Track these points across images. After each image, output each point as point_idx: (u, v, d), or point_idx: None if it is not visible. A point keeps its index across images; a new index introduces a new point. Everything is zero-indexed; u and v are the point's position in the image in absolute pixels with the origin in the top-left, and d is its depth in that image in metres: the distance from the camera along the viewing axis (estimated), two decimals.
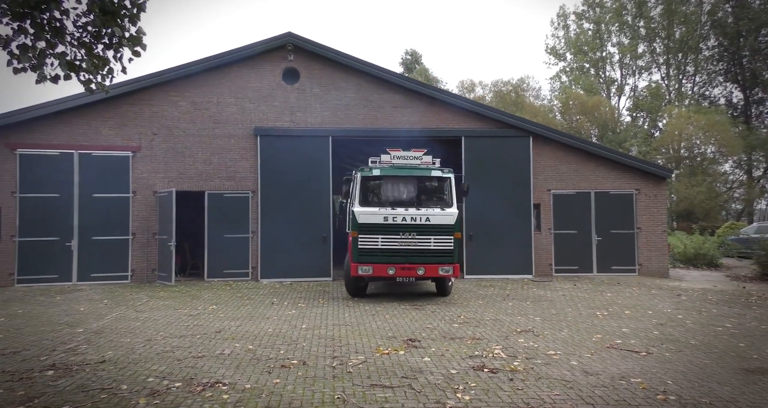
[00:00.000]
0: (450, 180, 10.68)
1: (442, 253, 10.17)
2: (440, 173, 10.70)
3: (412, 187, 10.79)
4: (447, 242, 10.19)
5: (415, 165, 10.81)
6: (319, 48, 14.54)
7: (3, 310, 9.75)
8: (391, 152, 10.92)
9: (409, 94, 14.95)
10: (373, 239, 10.22)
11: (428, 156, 10.90)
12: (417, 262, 10.09)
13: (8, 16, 4.37)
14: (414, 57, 46.49)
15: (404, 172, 10.73)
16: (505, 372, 5.76)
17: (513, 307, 9.96)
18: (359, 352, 6.58)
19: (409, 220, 10.18)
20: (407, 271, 10.08)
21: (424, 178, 10.86)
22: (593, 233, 15.20)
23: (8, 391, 5.11)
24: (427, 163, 10.85)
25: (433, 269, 10.08)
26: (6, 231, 13.03)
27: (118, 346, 6.96)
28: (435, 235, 10.16)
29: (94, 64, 4.90)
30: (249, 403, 4.81)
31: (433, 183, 10.89)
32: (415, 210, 10.29)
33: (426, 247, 10.15)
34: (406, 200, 10.64)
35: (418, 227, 10.15)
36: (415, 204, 10.52)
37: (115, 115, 13.81)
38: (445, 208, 10.40)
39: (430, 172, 10.74)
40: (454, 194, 10.57)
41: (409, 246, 10.13)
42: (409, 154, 10.87)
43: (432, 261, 10.12)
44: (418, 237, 10.13)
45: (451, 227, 10.25)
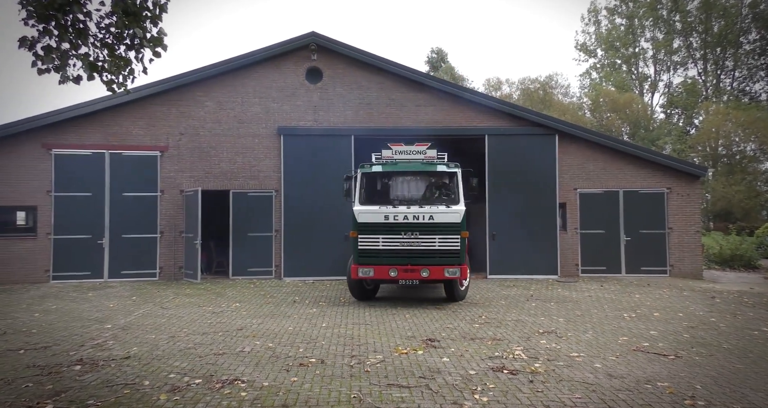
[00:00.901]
0: (456, 175, 9.99)
1: (448, 254, 9.51)
2: (445, 168, 9.98)
3: (415, 184, 10.19)
4: (453, 242, 9.51)
5: (418, 160, 10.21)
6: (342, 47, 14.59)
7: (38, 306, 10.11)
8: (393, 147, 10.33)
9: (432, 93, 14.85)
10: (373, 239, 9.64)
11: (433, 150, 10.24)
12: (421, 263, 9.45)
13: (34, 18, 4.51)
14: (440, 55, 46.19)
15: (407, 168, 10.13)
16: (525, 373, 5.63)
17: (536, 308, 9.76)
18: (378, 352, 6.54)
19: (412, 219, 9.55)
20: (410, 273, 9.46)
21: (428, 174, 10.17)
22: (621, 233, 14.78)
23: (37, 385, 5.28)
24: (432, 157, 10.18)
25: (439, 271, 9.41)
26: (42, 229, 13.52)
27: (143, 342, 7.11)
28: (440, 235, 9.51)
29: (116, 64, 5.02)
30: (266, 400, 4.83)
31: (438, 179, 10.22)
32: (418, 208, 9.62)
33: (430, 248, 9.52)
34: (409, 198, 10.02)
35: (422, 226, 9.52)
36: (419, 201, 9.87)
37: (144, 115, 14.16)
38: (450, 205, 9.67)
39: (434, 167, 10.05)
40: (461, 191, 9.86)
41: (412, 246, 9.52)
42: (412, 149, 10.23)
43: (437, 262, 9.48)
44: (421, 237, 9.51)
45: (457, 226, 9.53)
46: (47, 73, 4.69)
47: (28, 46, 4.60)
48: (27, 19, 4.54)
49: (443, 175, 10.13)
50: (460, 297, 10.31)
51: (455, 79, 42.15)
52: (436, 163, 10.14)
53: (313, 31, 14.53)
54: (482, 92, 31.96)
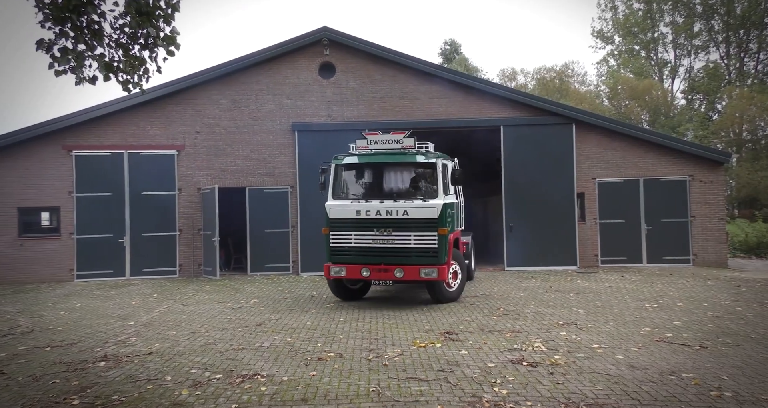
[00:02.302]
0: (436, 166, 9.00)
1: (424, 253, 8.67)
2: (423, 158, 8.99)
3: (391, 176, 9.33)
4: (429, 240, 8.64)
5: (395, 150, 9.24)
6: (354, 41, 14.54)
7: (63, 304, 10.36)
8: (368, 136, 9.46)
9: (446, 85, 14.72)
10: (345, 236, 9.01)
11: (411, 139, 9.26)
12: (394, 262, 8.69)
13: (50, 21, 4.58)
14: (453, 47, 45.75)
15: (381, 159, 9.24)
16: (545, 366, 5.57)
17: (555, 300, 9.66)
18: (396, 345, 6.55)
19: (385, 215, 8.76)
20: (383, 273, 8.73)
21: (405, 165, 9.25)
22: (642, 222, 14.51)
23: (64, 381, 5.40)
24: (409, 147, 9.17)
25: (414, 271, 8.60)
26: (65, 229, 13.82)
27: (164, 338, 7.23)
28: (415, 232, 8.69)
29: (131, 64, 5.07)
30: (285, 395, 4.87)
31: (416, 170, 9.28)
32: (392, 202, 8.82)
33: (405, 246, 8.73)
34: (383, 191, 9.20)
35: (395, 222, 8.74)
36: (394, 195, 9.04)
37: (161, 115, 14.34)
38: (428, 199, 8.82)
39: (411, 157, 9.09)
40: (441, 183, 8.92)
41: (385, 244, 8.77)
42: (388, 138, 9.29)
43: (412, 262, 8.66)
44: (395, 234, 8.74)
45: (433, 222, 8.64)
46: (64, 74, 4.77)
47: (45, 48, 4.68)
48: (44, 22, 4.61)
49: (421, 166, 9.17)
50: (448, 299, 9.30)
51: (469, 70, 41.72)
52: (413, 152, 9.13)
53: (325, 26, 14.50)
54: (497, 83, 31.61)
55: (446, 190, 9.09)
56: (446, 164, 9.38)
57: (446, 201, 8.92)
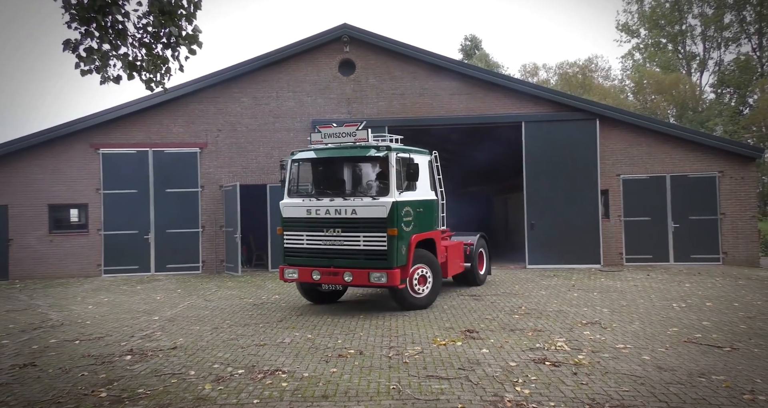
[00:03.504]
0: (388, 160, 8.12)
1: (373, 255, 7.96)
2: (375, 152, 8.19)
3: (342, 173, 8.82)
4: (378, 241, 7.91)
5: (349, 144, 8.55)
6: (374, 38, 14.51)
7: (92, 299, 10.63)
8: (322, 129, 8.81)
9: (466, 81, 14.59)
10: (298, 237, 8.48)
11: (364, 131, 8.47)
12: (344, 265, 8.10)
13: (76, 21, 4.68)
14: (474, 42, 45.30)
15: (332, 154, 8.62)
16: (569, 365, 5.48)
17: (578, 298, 9.49)
18: (416, 343, 6.52)
19: (334, 214, 8.18)
20: (333, 276, 8.18)
21: (357, 160, 8.62)
22: (669, 220, 14.16)
23: (92, 374, 5.54)
24: (362, 139, 8.41)
25: (363, 275, 7.93)
26: (93, 225, 14.17)
27: (188, 333, 7.35)
28: (364, 232, 8.03)
29: (154, 63, 5.15)
30: (306, 391, 4.89)
31: (367, 166, 8.65)
32: (341, 201, 8.24)
33: (354, 247, 8.10)
34: (335, 189, 8.64)
35: (344, 222, 8.13)
36: (344, 193, 8.50)
37: (184, 113, 14.55)
38: (378, 197, 8.09)
39: (362, 151, 8.36)
40: (394, 179, 8.07)
41: (334, 245, 8.18)
42: (342, 131, 8.62)
43: (361, 265, 8.01)
44: (344, 234, 8.13)
45: (382, 222, 7.89)
46: (89, 73, 4.87)
47: (71, 49, 4.79)
48: (70, 22, 4.72)
49: (373, 160, 8.41)
50: (413, 306, 8.49)
51: (490, 66, 41.28)
52: (363, 146, 8.40)
53: (345, 23, 14.50)
54: (518, 78, 31.21)
55: (402, 186, 8.21)
56: (405, 158, 8.36)
57: (401, 199, 8.07)
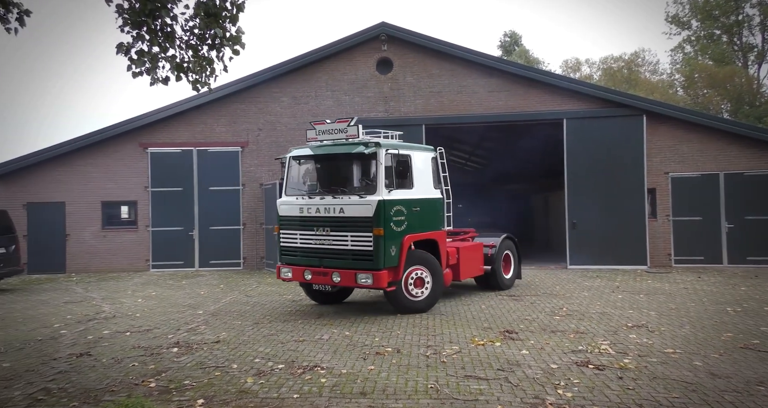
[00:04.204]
0: (377, 157, 7.81)
1: (360, 256, 7.73)
2: (363, 149, 7.83)
3: (333, 170, 8.60)
4: (364, 241, 7.65)
5: (341, 140, 8.32)
6: (412, 36, 14.48)
7: (140, 292, 11.09)
8: (317, 126, 8.61)
9: (505, 78, 14.34)
10: (292, 236, 8.38)
11: (354, 127, 8.19)
12: (332, 265, 7.94)
13: (128, 25, 4.90)
14: (513, 39, 44.47)
15: (323, 151, 8.42)
16: (614, 369, 5.30)
17: (623, 300, 9.17)
18: (453, 342, 6.47)
19: (323, 212, 8.01)
20: (322, 276, 8.04)
21: (346, 158, 8.27)
22: (722, 220, 13.47)
23: (142, 365, 5.78)
24: (353, 136, 8.18)
25: (350, 276, 7.73)
26: (141, 221, 14.79)
27: (230, 327, 7.56)
28: (352, 232, 7.80)
29: (200, 64, 5.32)
30: (345, 387, 4.94)
31: (357, 163, 8.24)
32: (331, 199, 8.05)
33: (342, 247, 7.89)
34: (327, 187, 8.40)
35: (333, 221, 7.94)
36: (334, 191, 8.21)
37: (227, 113, 14.96)
38: (365, 195, 7.79)
39: (350, 148, 8.04)
40: (383, 177, 7.77)
41: (324, 245, 8.02)
42: (334, 127, 8.38)
43: (349, 265, 7.80)
44: (333, 233, 7.94)
45: (367, 221, 7.61)
46: (140, 75, 5.09)
47: (124, 52, 5.01)
48: (123, 26, 4.94)
49: (362, 157, 8.02)
50: (410, 309, 8.16)
51: (530, 62, 40.38)
52: (354, 143, 8.14)
53: (383, 22, 14.53)
54: (559, 74, 30.41)
55: (393, 184, 7.90)
56: (397, 155, 8.04)
57: (390, 197, 7.75)
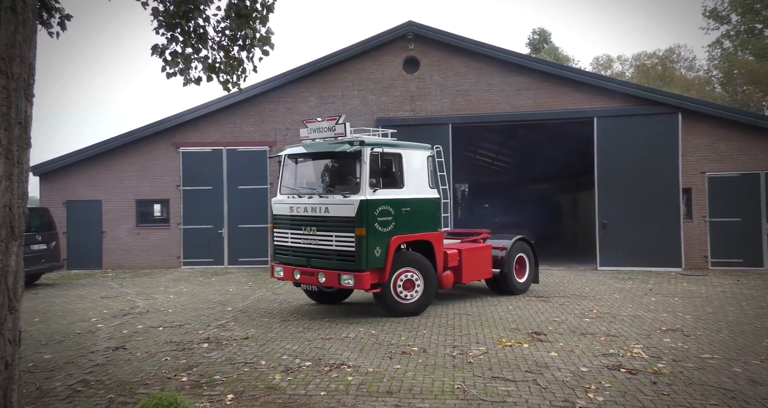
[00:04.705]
0: (362, 156, 7.68)
1: (343, 256, 7.63)
2: (347, 147, 7.75)
3: (321, 169, 8.48)
4: (347, 241, 7.56)
5: (330, 138, 8.24)
6: (439, 34, 14.41)
7: (172, 288, 11.38)
8: (309, 124, 8.53)
9: (534, 76, 14.12)
10: (284, 234, 8.37)
11: (341, 126, 8.08)
12: (318, 265, 7.88)
13: (163, 27, 5.04)
14: (542, 36, 43.73)
15: (312, 150, 8.39)
16: (647, 374, 5.15)
17: (657, 303, 8.91)
18: (480, 343, 6.41)
19: (310, 212, 7.97)
20: (309, 276, 7.97)
21: (333, 156, 8.21)
22: (764, 221, 12.95)
23: (174, 359, 5.93)
24: (340, 134, 8.07)
25: (334, 277, 7.62)
26: (173, 219, 15.16)
27: (258, 324, 7.68)
28: (336, 232, 7.70)
29: (231, 65, 5.42)
30: (371, 386, 4.95)
31: (343, 162, 8.13)
32: (318, 198, 7.99)
33: (327, 247, 7.81)
34: (314, 186, 8.35)
35: (319, 221, 7.87)
36: (322, 190, 8.14)
37: (255, 113, 15.20)
38: (350, 194, 7.67)
39: (335, 147, 7.95)
40: (367, 176, 7.62)
41: (311, 244, 7.98)
42: (323, 126, 8.30)
43: (334, 266, 7.70)
44: (319, 233, 7.87)
45: (350, 221, 7.51)
46: (174, 76, 5.22)
47: (159, 53, 5.16)
48: (158, 28, 5.08)
49: (347, 156, 7.88)
50: (399, 312, 7.96)
51: (559, 60, 39.65)
52: (340, 141, 8.05)
53: (410, 21, 14.50)
54: (590, 71, 29.76)
55: (379, 183, 7.74)
56: (384, 154, 7.85)
57: (374, 197, 7.62)
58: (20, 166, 2.77)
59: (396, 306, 8.00)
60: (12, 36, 2.61)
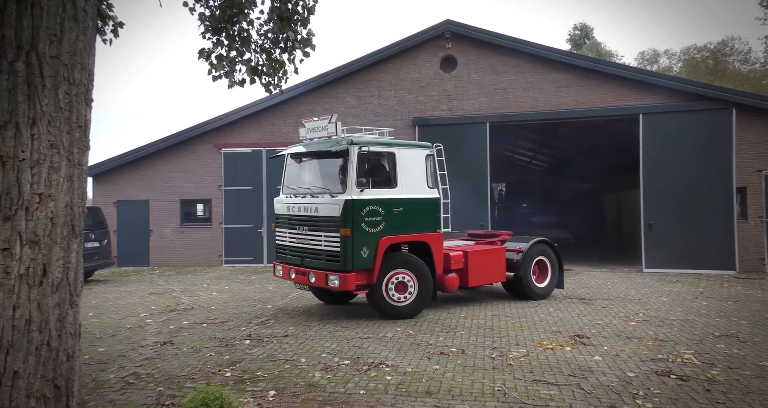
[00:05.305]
0: (349, 155, 7.57)
1: (331, 256, 7.58)
2: (336, 147, 7.68)
3: (314, 169, 8.52)
4: (333, 241, 7.52)
5: (324, 138, 8.21)
6: (477, 32, 14.25)
7: (215, 286, 11.72)
8: (306, 124, 8.56)
9: (575, 72, 13.76)
10: (283, 234, 8.50)
11: (332, 125, 8.02)
12: (310, 265, 7.88)
13: (209, 31, 5.21)
14: (584, 31, 42.52)
15: (305, 149, 8.38)
16: (699, 381, 4.93)
17: (708, 307, 8.50)
18: (520, 345, 6.30)
19: (302, 211, 8.02)
20: (302, 276, 7.99)
21: (323, 155, 8.17)
22: None
23: (218, 355, 6.10)
24: (332, 133, 8.03)
25: (322, 277, 7.60)
26: (215, 219, 15.62)
27: (297, 322, 7.80)
28: (324, 232, 7.67)
29: (272, 67, 5.54)
30: (410, 386, 4.94)
31: (334, 161, 8.04)
32: (310, 198, 8.02)
33: (317, 247, 7.80)
34: (308, 185, 8.39)
35: (310, 220, 7.89)
36: (314, 190, 8.17)
37: (294, 114, 15.45)
38: (337, 194, 7.61)
39: (327, 145, 7.89)
40: (353, 175, 7.51)
41: (303, 244, 8.03)
42: (318, 125, 8.28)
43: (323, 266, 7.67)
44: (310, 233, 7.89)
45: (335, 221, 7.46)
46: (219, 79, 5.38)
47: (205, 57, 5.33)
48: (204, 33, 5.25)
49: (337, 155, 7.80)
50: (392, 315, 7.80)
51: (601, 55, 38.43)
52: (330, 140, 8.01)
53: (448, 19, 14.41)
54: (635, 67, 28.71)
55: (368, 183, 7.62)
56: (373, 153, 7.74)
57: (361, 197, 7.50)
58: (80, 167, 2.92)
59: (388, 308, 7.83)
60: (74, 44, 2.76)
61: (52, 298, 2.74)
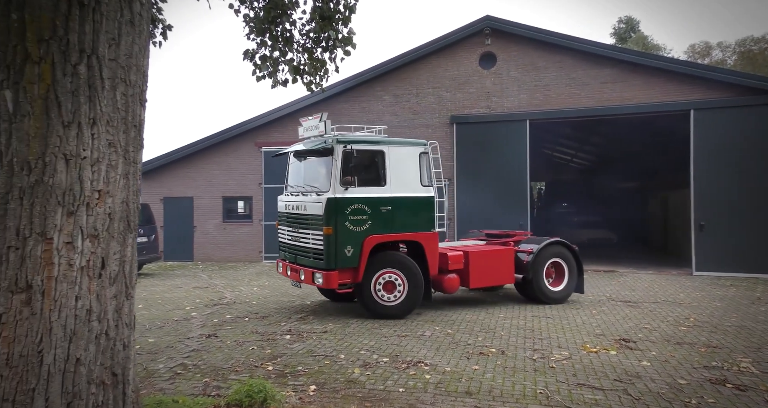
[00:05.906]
0: (333, 153, 7.52)
1: (317, 254, 7.62)
2: (323, 145, 7.69)
3: (307, 167, 8.50)
4: (318, 239, 7.56)
5: (317, 136, 8.23)
6: (517, 28, 13.99)
7: (255, 281, 12.00)
8: (303, 122, 8.59)
9: (620, 67, 13.29)
10: (282, 232, 8.70)
11: (321, 123, 8.01)
12: (301, 263, 7.97)
13: (253, 32, 5.32)
14: (629, 25, 41.03)
15: (297, 148, 8.44)
16: (759, 391, 4.68)
17: (767, 313, 8.05)
18: (562, 348, 6.15)
19: (295, 209, 8.14)
20: (294, 273, 8.10)
21: (311, 154, 8.20)
22: None
23: (260, 349, 6.24)
24: (322, 132, 8.04)
25: (309, 275, 7.68)
26: (256, 216, 15.98)
27: (336, 318, 7.88)
28: (312, 230, 7.72)
29: (314, 66, 5.61)
30: (449, 386, 4.91)
31: (322, 159, 7.98)
32: (301, 196, 8.12)
33: (305, 245, 7.88)
34: (302, 184, 8.39)
35: (301, 218, 7.99)
36: (305, 189, 8.19)
37: (332, 112, 15.54)
38: (323, 192, 7.60)
39: (314, 144, 7.94)
40: (337, 173, 7.46)
41: (295, 241, 8.19)
42: (312, 124, 8.31)
43: (310, 263, 7.74)
44: (300, 231, 8.00)
45: (318, 219, 7.51)
46: (263, 79, 5.49)
47: (249, 58, 5.45)
48: (249, 34, 5.37)
49: (324, 154, 7.79)
50: (381, 314, 7.73)
51: (648, 49, 37.00)
52: (320, 139, 8.00)
53: (488, 15, 14.20)
54: (685, 60, 27.49)
55: (353, 181, 7.55)
56: (358, 151, 7.59)
57: (345, 195, 7.45)
58: (135, 165, 3.04)
59: (376, 307, 7.75)
60: (130, 47, 2.88)
61: (110, 290, 2.87)
